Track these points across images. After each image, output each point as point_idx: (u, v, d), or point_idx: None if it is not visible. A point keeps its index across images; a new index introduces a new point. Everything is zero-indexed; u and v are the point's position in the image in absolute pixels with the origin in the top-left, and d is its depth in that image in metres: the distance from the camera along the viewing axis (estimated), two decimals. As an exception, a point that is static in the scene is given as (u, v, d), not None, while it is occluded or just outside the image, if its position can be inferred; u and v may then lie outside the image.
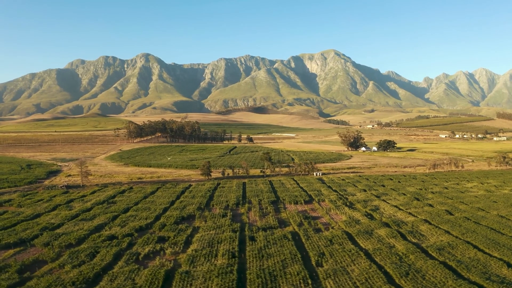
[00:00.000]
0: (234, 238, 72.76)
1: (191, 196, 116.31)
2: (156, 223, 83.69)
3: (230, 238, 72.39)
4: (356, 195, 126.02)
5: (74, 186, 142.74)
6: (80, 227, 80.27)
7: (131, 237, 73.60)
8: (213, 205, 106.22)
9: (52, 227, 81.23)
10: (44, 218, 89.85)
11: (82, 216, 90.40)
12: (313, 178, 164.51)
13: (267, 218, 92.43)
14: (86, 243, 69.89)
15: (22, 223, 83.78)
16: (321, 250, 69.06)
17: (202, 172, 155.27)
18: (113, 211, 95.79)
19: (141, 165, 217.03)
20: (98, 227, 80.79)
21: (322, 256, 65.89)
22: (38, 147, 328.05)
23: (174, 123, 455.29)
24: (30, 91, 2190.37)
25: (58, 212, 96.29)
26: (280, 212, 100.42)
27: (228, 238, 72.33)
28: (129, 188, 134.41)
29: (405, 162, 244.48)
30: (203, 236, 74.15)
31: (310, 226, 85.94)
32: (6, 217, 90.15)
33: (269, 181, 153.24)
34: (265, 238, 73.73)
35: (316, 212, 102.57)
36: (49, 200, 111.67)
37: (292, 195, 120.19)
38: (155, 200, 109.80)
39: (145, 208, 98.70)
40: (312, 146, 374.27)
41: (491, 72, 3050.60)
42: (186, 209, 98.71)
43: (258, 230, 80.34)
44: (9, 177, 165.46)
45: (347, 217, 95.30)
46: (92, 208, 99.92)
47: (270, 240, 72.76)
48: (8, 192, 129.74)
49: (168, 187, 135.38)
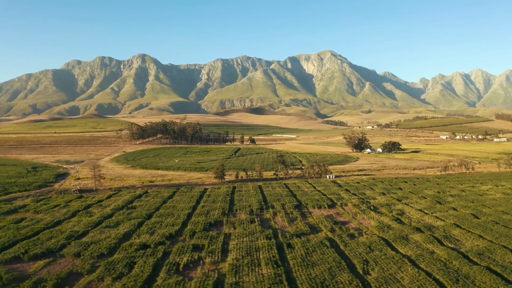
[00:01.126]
0: (272, 245, 70.81)
1: (211, 201, 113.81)
2: (185, 230, 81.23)
3: (267, 246, 70.40)
4: (377, 199, 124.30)
5: (87, 190, 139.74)
6: (107, 235, 77.50)
7: (164, 245, 71.07)
8: (236, 210, 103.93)
9: (77, 235, 78.33)
10: (66, 225, 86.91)
11: (105, 223, 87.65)
12: (327, 181, 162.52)
13: (296, 223, 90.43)
14: (118, 252, 67.17)
15: (45, 231, 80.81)
16: (363, 257, 67.57)
17: (216, 175, 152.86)
18: (135, 217, 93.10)
19: (149, 168, 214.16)
20: (126, 235, 78.11)
21: (367, 264, 64.49)
22: (40, 148, 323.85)
23: (176, 124, 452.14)
24: (26, 92, 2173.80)
25: (79, 218, 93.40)
26: (306, 217, 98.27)
27: (266, 246, 70.32)
28: (144, 192, 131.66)
29: (412, 164, 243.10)
30: (238, 244, 71.95)
31: (342, 232, 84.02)
32: (26, 225, 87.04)
33: (285, 184, 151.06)
34: (303, 245, 71.99)
35: (343, 217, 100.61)
36: (66, 206, 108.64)
37: (313, 199, 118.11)
38: (175, 205, 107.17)
39: (168, 214, 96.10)
40: (316, 148, 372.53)
41: (487, 73, 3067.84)
42: (211, 215, 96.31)
43: (292, 237, 78.59)
44: (18, 181, 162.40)
45: (376, 222, 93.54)
46: (113, 214, 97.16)
47: (309, 247, 71.10)
48: (21, 197, 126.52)
49: (184, 191, 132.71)
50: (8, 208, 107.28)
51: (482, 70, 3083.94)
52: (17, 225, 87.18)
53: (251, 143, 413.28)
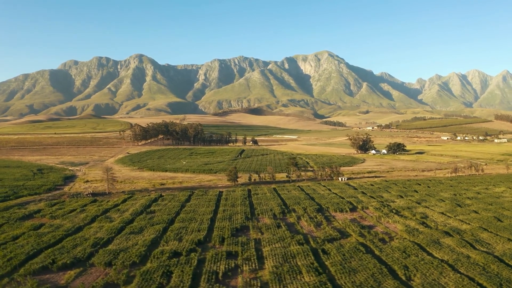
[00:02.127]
0: (307, 251, 69.28)
1: (231, 205, 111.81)
2: (213, 236, 79.23)
3: (303, 252, 68.85)
4: (396, 202, 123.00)
5: (99, 193, 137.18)
6: (133, 242, 75.22)
7: (196, 252, 68.98)
8: (259, 214, 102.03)
9: (102, 242, 75.88)
10: (88, 231, 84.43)
11: (128, 229, 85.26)
12: (341, 183, 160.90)
13: (322, 228, 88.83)
14: (151, 261, 64.88)
15: (68, 239, 78.23)
16: (401, 262, 66.50)
17: (229, 177, 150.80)
18: (158, 222, 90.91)
19: (157, 170, 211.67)
20: (153, 241, 75.86)
21: (407, 269, 63.55)
22: (43, 150, 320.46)
23: (177, 125, 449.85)
24: (23, 92, 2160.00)
25: (99, 224, 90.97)
26: (331, 221, 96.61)
27: (301, 252, 68.75)
28: (159, 196, 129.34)
29: (420, 165, 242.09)
30: (272, 250, 70.16)
31: (372, 237, 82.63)
32: (46, 231, 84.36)
33: (299, 187, 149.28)
34: (338, 251, 70.63)
35: (367, 221, 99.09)
36: (83, 211, 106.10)
37: (333, 203, 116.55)
38: (195, 210, 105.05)
39: (190, 219, 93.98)
40: (320, 149, 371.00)
41: (484, 73, 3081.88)
42: (234, 219, 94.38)
43: (323, 242, 77.12)
44: (26, 184, 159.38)
45: (402, 226, 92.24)
46: (134, 220, 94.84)
47: (345, 253, 69.80)
48: (33, 201, 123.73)
49: (199, 194, 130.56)
50: (22, 213, 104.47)
51: (479, 71, 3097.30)
52: (37, 231, 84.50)
53: (253, 144, 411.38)
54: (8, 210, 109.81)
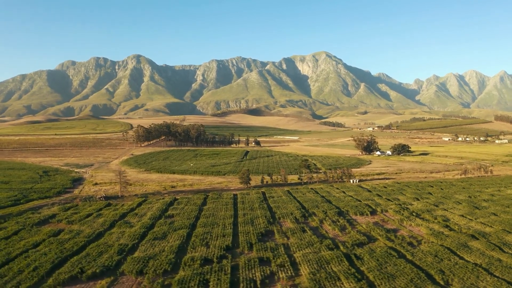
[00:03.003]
0: (340, 256, 68.33)
1: (249, 208, 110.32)
2: (240, 241, 77.95)
3: (336, 257, 67.84)
4: (413, 205, 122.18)
5: (112, 197, 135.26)
6: (160, 249, 73.48)
7: (227, 259, 67.43)
8: (280, 218, 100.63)
9: (128, 249, 74.07)
10: (109, 238, 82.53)
11: (151, 234, 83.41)
12: (354, 186, 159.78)
13: (347, 232, 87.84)
14: (183, 269, 63.25)
15: (91, 245, 76.29)
16: (436, 267, 66.02)
17: (241, 180, 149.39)
18: (179, 227, 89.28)
19: (164, 172, 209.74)
20: (180, 248, 74.21)
21: (443, 274, 62.97)
22: (45, 151, 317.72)
23: (179, 126, 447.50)
24: (21, 93, 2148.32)
25: (120, 229, 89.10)
26: (354, 225, 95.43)
27: (335, 258, 67.74)
28: (174, 199, 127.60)
29: (427, 167, 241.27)
30: (304, 256, 69.03)
31: (400, 241, 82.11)
32: (67, 238, 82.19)
33: (312, 189, 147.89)
34: (370, 256, 69.78)
35: (390, 224, 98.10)
36: (99, 215, 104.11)
37: (351, 206, 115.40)
38: (214, 213, 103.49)
39: (212, 223, 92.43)
40: (323, 150, 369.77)
41: (481, 74, 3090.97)
42: (256, 224, 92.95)
43: (353, 247, 76.27)
44: (34, 186, 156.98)
45: (427, 229, 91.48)
46: (155, 225, 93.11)
47: (378, 258, 68.87)
48: (45, 205, 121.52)
49: (214, 197, 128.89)
50: (37, 218, 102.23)
51: (476, 71, 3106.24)
52: (57, 238, 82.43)
53: (256, 145, 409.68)
54: (21, 215, 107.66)
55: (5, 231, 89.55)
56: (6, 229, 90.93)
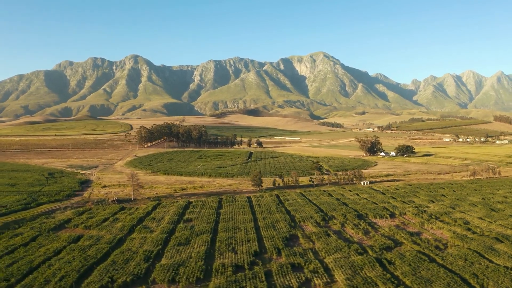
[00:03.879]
0: (372, 261, 67.76)
1: (267, 212, 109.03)
2: (267, 246, 76.79)
3: (368, 262, 67.21)
4: (430, 207, 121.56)
5: (125, 200, 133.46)
6: (187, 255, 71.99)
7: (257, 265, 66.20)
8: (300, 221, 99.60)
9: (153, 255, 72.34)
10: (132, 243, 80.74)
11: (174, 240, 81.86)
12: (365, 188, 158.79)
13: (371, 236, 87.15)
14: (215, 276, 61.87)
15: (115, 252, 74.45)
16: (469, 270, 65.77)
17: (254, 182, 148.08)
18: (201, 232, 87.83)
19: (171, 173, 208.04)
20: (207, 254, 72.79)
21: (477, 277, 62.74)
22: (48, 152, 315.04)
23: (180, 127, 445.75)
24: (18, 93, 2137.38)
25: (140, 235, 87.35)
26: (376, 228, 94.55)
27: (366, 262, 67.12)
28: (188, 202, 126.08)
29: (433, 168, 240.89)
30: (335, 261, 68.27)
31: (426, 244, 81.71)
32: (87, 244, 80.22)
33: (325, 192, 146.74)
34: (402, 260, 69.27)
35: (411, 227, 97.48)
36: (116, 220, 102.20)
37: (369, 208, 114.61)
38: (233, 217, 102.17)
39: (233, 228, 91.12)
40: (327, 151, 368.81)
41: (478, 74, 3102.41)
42: (278, 228, 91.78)
43: (381, 251, 75.65)
44: (42, 189, 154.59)
45: (450, 233, 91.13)
46: (175, 229, 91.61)
47: (410, 262, 68.34)
48: (58, 209, 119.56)
49: (228, 200, 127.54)
50: (52, 223, 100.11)
51: (473, 72, 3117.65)
52: (78, 245, 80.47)
53: (258, 146, 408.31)
54: (35, 219, 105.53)
55: (22, 237, 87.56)
56: (23, 235, 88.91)
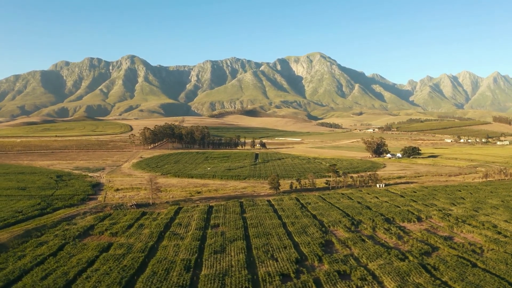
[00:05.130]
0: (417, 267, 67.19)
1: (293, 216, 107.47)
2: (306, 253, 75.60)
3: (414, 268, 66.56)
4: (452, 210, 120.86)
5: (143, 204, 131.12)
6: (227, 264, 70.13)
7: (303, 273, 64.76)
8: (329, 226, 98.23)
9: (192, 264, 70.14)
10: (165, 252, 78.24)
11: (208, 247, 79.72)
12: (382, 190, 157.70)
13: (405, 240, 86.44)
14: (264, 286, 60.23)
15: (152, 262, 71.82)
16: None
17: (271, 185, 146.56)
18: (233, 238, 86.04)
19: (182, 176, 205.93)
20: (247, 262, 71.02)
21: None
22: (51, 154, 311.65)
23: (183, 128, 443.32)
24: (14, 93, 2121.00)
25: (171, 242, 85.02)
26: (407, 232, 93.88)
27: (412, 269, 66.47)
28: (209, 206, 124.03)
29: (442, 170, 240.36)
30: (380, 267, 67.52)
31: (463, 248, 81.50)
32: (120, 253, 77.52)
33: (343, 194, 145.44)
34: (445, 265, 68.87)
35: (441, 231, 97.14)
36: (141, 226, 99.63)
37: (394, 212, 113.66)
38: (260, 222, 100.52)
39: (265, 234, 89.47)
40: (331, 152, 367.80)
41: (475, 75, 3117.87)
42: (310, 233, 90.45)
43: (421, 256, 74.80)
44: (55, 193, 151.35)
45: (481, 236, 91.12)
46: (206, 236, 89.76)
47: (454, 268, 67.99)
48: (77, 215, 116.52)
49: (249, 204, 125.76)
50: (76, 230, 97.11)
51: (469, 72, 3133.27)
52: (110, 254, 77.37)
53: (262, 147, 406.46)
54: (56, 226, 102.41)
55: (48, 246, 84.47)
56: (48, 244, 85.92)
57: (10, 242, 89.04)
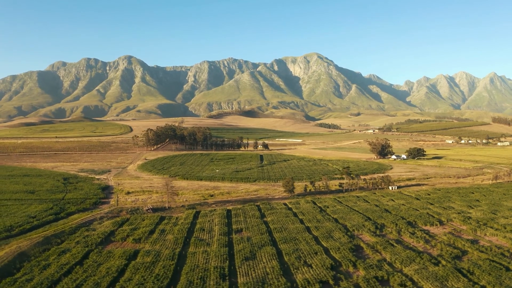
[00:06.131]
0: (454, 272, 66.54)
1: (315, 220, 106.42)
2: (339, 259, 74.55)
3: (451, 274, 65.75)
4: (471, 213, 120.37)
5: (160, 208, 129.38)
6: (262, 272, 68.72)
7: (342, 280, 63.79)
8: (353, 230, 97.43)
9: (226, 272, 68.71)
10: (195, 259, 76.68)
11: (238, 254, 78.14)
12: (396, 193, 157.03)
13: (434, 244, 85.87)
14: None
15: (185, 270, 69.86)
16: None
17: (286, 188, 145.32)
18: (261, 244, 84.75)
19: (190, 178, 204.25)
20: (283, 269, 69.77)
21: None
22: (54, 156, 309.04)
23: (184, 129, 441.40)
24: (11, 94, 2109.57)
25: (199, 249, 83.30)
26: (433, 236, 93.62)
27: (449, 273, 65.84)
28: (227, 210, 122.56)
29: (449, 172, 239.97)
30: (417, 273, 66.67)
31: (491, 251, 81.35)
32: (149, 261, 75.37)
33: (360, 198, 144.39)
34: (480, 269, 68.33)
35: (465, 234, 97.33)
36: (163, 231, 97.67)
37: (415, 215, 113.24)
38: (284, 227, 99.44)
39: (291, 238, 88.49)
40: (335, 154, 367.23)
41: (471, 75, 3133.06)
42: (336, 238, 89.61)
43: (453, 260, 74.33)
44: (65, 197, 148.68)
45: (506, 239, 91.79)
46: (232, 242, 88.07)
47: (489, 272, 67.30)
48: (94, 220, 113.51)
49: (267, 207, 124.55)
50: (97, 236, 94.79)
51: (466, 73, 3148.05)
52: (138, 262, 74.97)
53: (265, 149, 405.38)
54: (75, 232, 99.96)
55: (71, 254, 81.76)
56: (71, 252, 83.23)
57: (31, 250, 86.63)
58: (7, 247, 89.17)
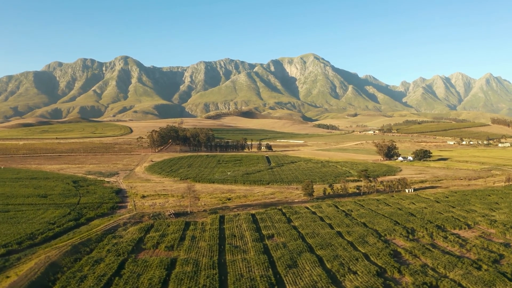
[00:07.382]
0: (499, 277, 66.46)
1: (344, 225, 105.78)
2: (381, 265, 73.78)
3: (497, 278, 66.25)
4: (495, 216, 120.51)
5: (182, 213, 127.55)
6: (310, 280, 67.42)
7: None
8: (385, 235, 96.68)
9: (274, 281, 67.17)
10: (235, 267, 74.31)
11: (280, 262, 76.34)
12: (414, 195, 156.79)
13: (469, 248, 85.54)
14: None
15: (231, 280, 68.09)
16: None
17: (305, 192, 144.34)
18: (297, 250, 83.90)
19: (202, 181, 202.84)
20: (331, 278, 68.93)
21: None
22: (58, 158, 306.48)
23: (187, 130, 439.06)
24: (7, 94, 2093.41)
25: (237, 256, 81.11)
26: (465, 240, 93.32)
27: (496, 278, 66.41)
28: (251, 215, 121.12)
29: (459, 173, 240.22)
30: (463, 277, 66.28)
31: None
32: (191, 270, 72.52)
33: (380, 201, 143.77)
34: None
35: (496, 238, 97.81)
36: (193, 238, 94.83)
37: (440, 219, 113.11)
38: (315, 232, 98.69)
39: (326, 244, 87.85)
40: (340, 155, 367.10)
41: (467, 76, 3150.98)
42: (371, 243, 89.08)
43: (494, 265, 74.39)
44: (80, 201, 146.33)
45: None
46: (268, 248, 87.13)
47: None
48: (118, 226, 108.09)
49: (290, 212, 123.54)
50: (127, 244, 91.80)
51: (462, 74, 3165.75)
52: (178, 271, 72.81)
53: (269, 150, 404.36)
54: (102, 240, 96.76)
55: (106, 264, 78.65)
56: (105, 262, 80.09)
57: (62, 261, 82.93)
58: (34, 256, 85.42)
